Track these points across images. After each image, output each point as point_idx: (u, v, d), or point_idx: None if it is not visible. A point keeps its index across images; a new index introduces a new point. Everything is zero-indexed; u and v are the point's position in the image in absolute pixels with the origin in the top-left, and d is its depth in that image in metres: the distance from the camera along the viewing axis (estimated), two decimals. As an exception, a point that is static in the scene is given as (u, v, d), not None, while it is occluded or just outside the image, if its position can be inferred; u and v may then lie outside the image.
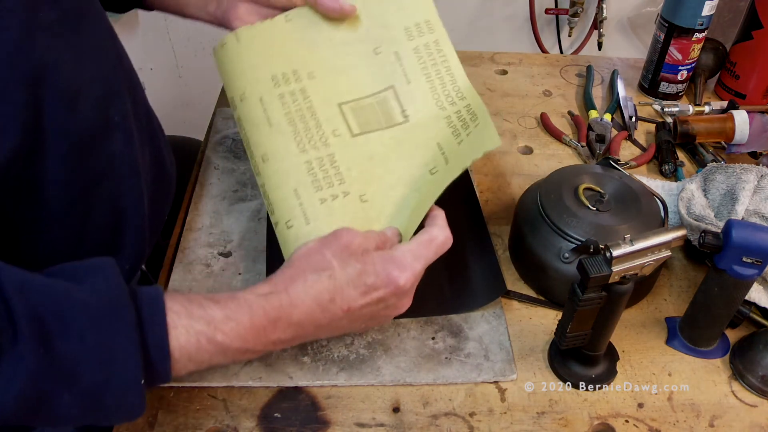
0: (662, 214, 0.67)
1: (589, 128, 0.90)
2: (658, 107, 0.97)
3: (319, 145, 0.65)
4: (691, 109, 0.95)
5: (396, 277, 0.53)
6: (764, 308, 0.64)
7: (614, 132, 0.91)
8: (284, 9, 0.68)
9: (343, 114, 0.67)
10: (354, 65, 0.67)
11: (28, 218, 0.54)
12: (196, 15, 0.71)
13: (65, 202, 0.55)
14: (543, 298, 0.68)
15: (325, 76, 0.67)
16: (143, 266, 0.72)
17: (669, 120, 0.92)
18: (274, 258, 0.67)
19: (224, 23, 0.70)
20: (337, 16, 0.67)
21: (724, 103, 0.95)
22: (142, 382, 0.45)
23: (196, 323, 0.48)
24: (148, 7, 0.74)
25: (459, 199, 0.77)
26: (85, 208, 0.57)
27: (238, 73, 0.67)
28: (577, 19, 1.62)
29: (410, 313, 0.64)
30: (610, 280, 0.52)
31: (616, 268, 0.51)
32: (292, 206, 0.64)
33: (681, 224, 0.70)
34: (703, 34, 0.92)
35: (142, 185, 0.62)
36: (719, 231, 0.57)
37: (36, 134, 0.50)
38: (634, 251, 0.51)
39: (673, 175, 0.84)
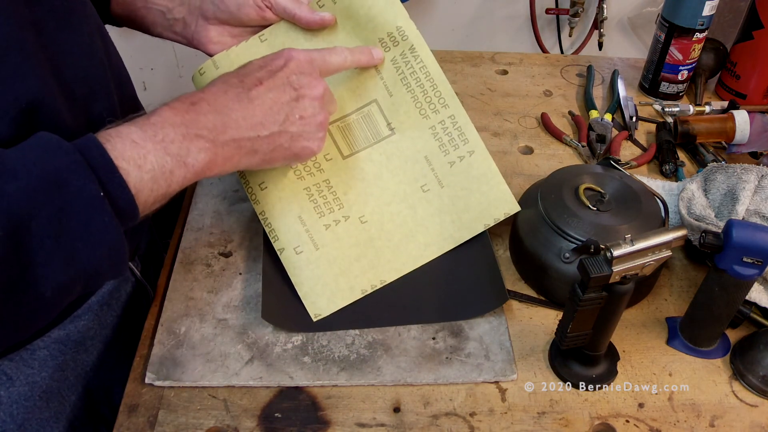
0: (663, 214, 0.67)
1: (590, 128, 0.90)
2: (658, 107, 0.97)
3: (314, 171, 0.67)
4: (692, 109, 0.95)
5: (286, 50, 0.59)
6: (765, 308, 0.64)
7: (615, 132, 0.91)
8: (257, 26, 0.68)
9: (332, 135, 0.67)
10: (336, 83, 0.67)
11: None
12: (164, 34, 0.71)
13: None
14: (543, 298, 0.68)
15: None
16: (138, 272, 0.72)
17: (669, 120, 0.93)
18: (272, 258, 0.67)
19: (195, 45, 0.69)
20: (317, 27, 0.66)
21: (725, 103, 0.95)
22: (102, 194, 0.44)
23: (123, 130, 0.49)
24: (117, 24, 0.73)
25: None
26: None
27: None
28: (577, 19, 1.62)
29: (411, 319, 0.64)
30: (611, 280, 0.52)
31: (616, 268, 0.51)
32: (298, 232, 0.66)
33: (681, 224, 0.70)
34: (704, 34, 0.92)
35: None
36: (720, 231, 0.57)
37: (26, 126, 0.50)
38: (635, 251, 0.51)
39: (674, 175, 0.84)
